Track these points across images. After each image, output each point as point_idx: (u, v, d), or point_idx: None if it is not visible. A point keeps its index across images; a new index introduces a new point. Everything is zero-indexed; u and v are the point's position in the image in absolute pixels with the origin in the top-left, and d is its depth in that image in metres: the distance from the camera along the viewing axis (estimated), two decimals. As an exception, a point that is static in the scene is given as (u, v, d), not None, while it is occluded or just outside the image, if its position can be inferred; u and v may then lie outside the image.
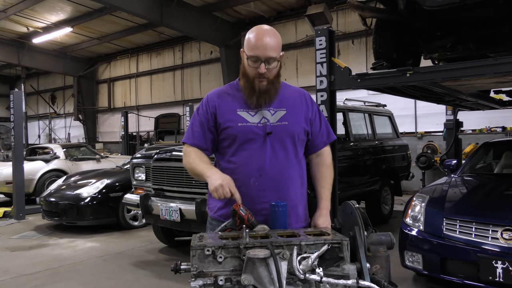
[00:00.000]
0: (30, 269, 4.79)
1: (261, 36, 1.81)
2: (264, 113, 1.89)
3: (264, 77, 1.83)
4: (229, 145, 1.89)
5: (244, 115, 1.88)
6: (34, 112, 23.01)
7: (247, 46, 1.82)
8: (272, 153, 1.86)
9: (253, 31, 1.84)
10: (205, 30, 12.98)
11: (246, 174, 1.84)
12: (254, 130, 1.86)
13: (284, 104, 1.93)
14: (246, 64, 1.85)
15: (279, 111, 1.91)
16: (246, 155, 1.86)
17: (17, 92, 8.26)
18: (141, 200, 5.01)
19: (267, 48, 1.79)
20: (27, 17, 14.08)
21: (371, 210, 6.65)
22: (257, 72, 1.81)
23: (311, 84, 3.68)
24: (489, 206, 3.92)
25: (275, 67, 1.84)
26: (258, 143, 1.86)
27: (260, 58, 1.79)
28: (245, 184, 1.83)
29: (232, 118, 1.87)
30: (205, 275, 1.34)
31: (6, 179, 8.56)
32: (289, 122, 1.90)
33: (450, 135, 7.84)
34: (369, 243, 1.47)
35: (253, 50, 1.80)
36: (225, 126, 1.88)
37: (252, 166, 1.85)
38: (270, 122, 1.88)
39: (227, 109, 1.90)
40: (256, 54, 1.79)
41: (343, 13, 11.92)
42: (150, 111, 17.05)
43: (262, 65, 1.80)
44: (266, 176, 1.85)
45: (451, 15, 3.78)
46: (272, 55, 1.80)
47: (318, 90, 4.04)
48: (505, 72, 3.42)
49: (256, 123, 1.87)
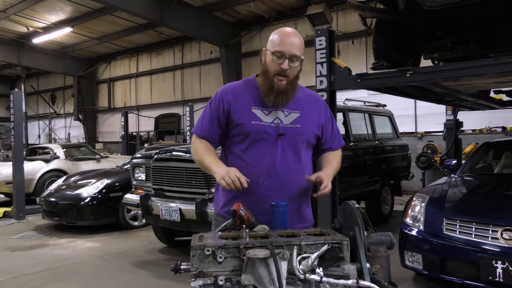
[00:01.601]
0: (30, 269, 4.79)
1: (287, 34, 1.86)
2: (278, 114, 1.90)
3: (285, 76, 1.85)
4: (241, 141, 1.89)
5: (258, 113, 1.89)
6: (34, 112, 23.01)
7: (272, 43, 1.86)
8: (282, 154, 1.88)
9: (279, 31, 1.89)
10: (205, 30, 12.98)
11: (255, 173, 1.84)
12: (267, 130, 1.87)
13: (298, 107, 1.95)
14: (269, 60, 1.86)
15: (293, 113, 1.92)
16: (257, 153, 1.87)
17: (17, 92, 8.26)
18: (141, 200, 5.01)
19: (293, 45, 1.83)
20: (27, 17, 14.08)
21: (371, 210, 6.65)
22: (280, 68, 1.83)
23: (311, 84, 3.66)
24: (489, 206, 3.92)
25: (297, 66, 1.87)
26: (270, 143, 1.87)
27: (285, 54, 1.82)
28: (254, 183, 1.84)
29: (246, 116, 1.88)
30: (205, 275, 1.34)
31: (6, 179, 8.56)
32: (301, 125, 1.92)
33: (450, 135, 7.84)
34: (369, 243, 1.47)
35: (278, 46, 1.83)
36: (238, 123, 1.89)
37: (262, 165, 1.86)
38: (283, 123, 1.89)
39: (241, 105, 1.91)
40: (282, 50, 1.82)
41: (343, 13, 11.92)
42: (150, 111, 17.05)
43: (286, 61, 1.82)
44: (275, 176, 1.86)
45: (451, 15, 3.78)
46: (297, 53, 1.84)
47: (318, 90, 4.04)
48: (505, 72, 3.42)
49: (269, 123, 1.88)
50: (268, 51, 1.87)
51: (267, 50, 1.88)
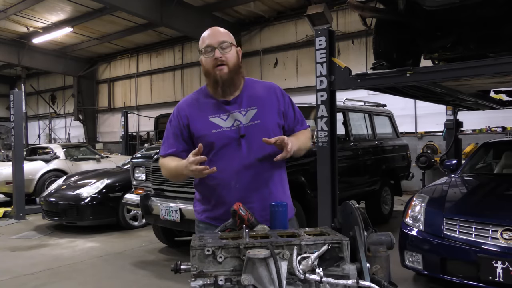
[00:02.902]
0: (30, 269, 4.79)
1: (208, 30, 1.92)
2: (236, 116, 1.89)
3: (223, 64, 1.85)
4: (206, 153, 1.85)
5: (216, 121, 1.89)
6: (34, 112, 23.00)
7: (201, 43, 1.91)
8: (248, 154, 1.87)
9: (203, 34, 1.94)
10: (205, 30, 12.95)
11: (226, 178, 1.86)
12: (228, 135, 1.87)
13: (254, 102, 1.93)
14: (204, 60, 1.89)
15: (250, 110, 1.91)
16: (224, 160, 1.87)
17: (17, 92, 8.26)
18: (141, 200, 5.01)
19: (216, 35, 1.89)
20: (27, 17, 14.07)
21: (371, 210, 6.65)
22: (214, 60, 1.85)
23: (311, 84, 3.67)
24: (489, 206, 3.92)
25: (230, 51, 1.88)
26: (233, 146, 1.87)
27: (213, 45, 1.86)
28: (227, 188, 1.86)
29: (205, 126, 1.89)
30: (205, 275, 1.34)
31: (6, 179, 8.56)
32: (261, 120, 1.91)
33: (450, 135, 7.84)
34: (369, 243, 1.47)
35: (205, 42, 1.88)
36: (199, 135, 1.89)
37: (230, 169, 1.86)
38: (243, 123, 1.89)
39: (199, 117, 1.91)
40: (208, 43, 1.87)
41: (343, 13, 11.92)
42: (150, 111, 17.04)
43: (216, 50, 1.85)
44: (244, 177, 1.86)
45: (451, 15, 3.78)
46: (224, 38, 1.88)
47: (318, 90, 4.03)
48: (505, 72, 3.42)
49: (229, 127, 1.88)
50: (201, 54, 1.90)
51: (201, 56, 1.91)
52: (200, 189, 2.00)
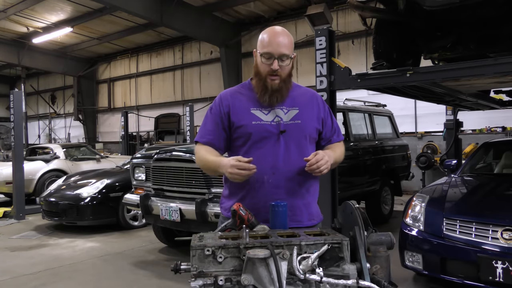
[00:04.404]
0: (30, 269, 4.79)
1: (274, 34, 1.86)
2: (277, 112, 1.91)
3: (277, 75, 1.86)
4: (243, 143, 1.90)
5: (257, 113, 1.90)
6: (34, 112, 23.01)
7: (261, 44, 1.87)
8: (285, 151, 1.88)
9: (267, 31, 1.89)
10: (205, 30, 12.98)
11: (260, 172, 1.83)
12: (268, 128, 1.88)
13: (296, 103, 1.96)
14: (259, 62, 1.88)
15: (292, 110, 1.93)
16: (260, 153, 1.87)
17: (17, 92, 8.26)
18: (141, 200, 5.01)
19: (280, 45, 1.84)
20: (27, 17, 14.08)
21: (371, 210, 6.65)
22: (270, 69, 1.84)
23: (311, 84, 3.66)
24: (489, 206, 3.92)
25: (287, 65, 1.88)
26: (272, 141, 1.88)
27: (273, 55, 1.83)
28: (259, 182, 1.85)
29: (246, 117, 1.89)
30: (205, 275, 1.34)
31: (6, 179, 8.56)
32: (302, 121, 1.92)
33: (450, 135, 7.84)
34: (369, 243, 1.47)
35: (266, 47, 1.84)
36: (239, 125, 1.90)
37: (266, 164, 1.86)
38: (284, 120, 1.90)
39: (240, 108, 1.92)
40: (269, 51, 1.84)
41: (343, 13, 11.92)
42: (150, 111, 17.05)
43: (275, 61, 1.83)
44: (279, 174, 1.86)
45: (451, 15, 3.78)
46: (285, 52, 1.84)
47: (318, 90, 4.04)
48: (505, 72, 3.42)
49: (269, 122, 1.89)
50: (258, 52, 1.88)
51: (257, 52, 1.89)
52: (229, 183, 1.96)
